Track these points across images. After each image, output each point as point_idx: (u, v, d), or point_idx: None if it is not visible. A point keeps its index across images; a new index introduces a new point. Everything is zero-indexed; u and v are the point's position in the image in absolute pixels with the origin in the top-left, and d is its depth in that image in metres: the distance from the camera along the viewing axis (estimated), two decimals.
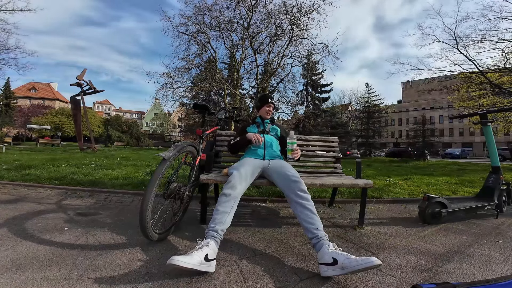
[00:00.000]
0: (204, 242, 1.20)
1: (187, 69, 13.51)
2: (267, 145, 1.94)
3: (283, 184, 1.56)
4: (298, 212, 1.39)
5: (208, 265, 1.12)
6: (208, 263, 1.12)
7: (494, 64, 9.74)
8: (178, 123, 50.73)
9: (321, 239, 1.25)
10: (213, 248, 1.19)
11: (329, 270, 1.13)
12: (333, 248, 1.20)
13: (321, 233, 1.27)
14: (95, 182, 3.21)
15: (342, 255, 1.14)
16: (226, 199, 1.38)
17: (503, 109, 7.72)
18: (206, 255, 1.12)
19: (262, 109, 2.10)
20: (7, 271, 1.09)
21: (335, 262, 1.13)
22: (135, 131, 35.02)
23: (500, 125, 13.83)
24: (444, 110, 43.82)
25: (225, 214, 1.33)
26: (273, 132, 2.09)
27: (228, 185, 1.46)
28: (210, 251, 1.16)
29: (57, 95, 50.23)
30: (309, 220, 1.33)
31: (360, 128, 25.31)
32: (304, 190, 1.46)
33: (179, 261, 1.04)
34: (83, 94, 11.38)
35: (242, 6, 12.72)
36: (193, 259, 1.08)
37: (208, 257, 1.12)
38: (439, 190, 3.54)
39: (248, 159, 1.80)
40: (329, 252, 1.17)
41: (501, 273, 1.25)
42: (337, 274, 1.12)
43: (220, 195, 1.42)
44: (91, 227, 1.70)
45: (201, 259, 1.10)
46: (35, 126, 24.61)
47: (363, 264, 1.08)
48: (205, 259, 1.11)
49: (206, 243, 1.19)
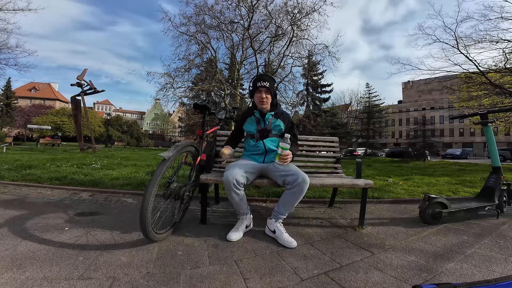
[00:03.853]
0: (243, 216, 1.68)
1: (188, 69, 13.54)
2: (267, 151, 1.77)
3: (288, 178, 1.61)
4: (282, 196, 1.64)
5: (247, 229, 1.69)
6: (247, 229, 1.69)
7: (495, 64, 9.72)
8: (178, 123, 50.77)
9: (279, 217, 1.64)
10: (250, 218, 1.72)
11: (269, 233, 1.64)
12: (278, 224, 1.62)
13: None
14: (95, 182, 3.22)
15: (279, 230, 1.57)
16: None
17: (504, 109, 7.70)
18: (246, 225, 1.68)
19: (255, 97, 1.77)
20: (7, 271, 1.09)
21: (274, 232, 1.60)
22: (136, 131, 35.09)
23: (501, 125, 13.81)
24: (444, 110, 43.77)
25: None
26: (276, 130, 1.79)
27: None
28: (248, 221, 1.71)
29: (57, 95, 50.34)
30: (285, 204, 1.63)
31: (360, 128, 25.31)
32: (301, 184, 1.59)
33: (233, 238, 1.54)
34: (83, 94, 11.38)
35: (242, 7, 12.74)
36: (240, 233, 1.60)
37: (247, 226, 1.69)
38: (440, 191, 3.53)
39: (247, 161, 1.77)
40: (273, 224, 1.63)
41: (501, 273, 1.25)
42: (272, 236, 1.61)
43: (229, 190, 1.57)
44: (91, 227, 1.70)
45: (244, 229, 1.65)
46: (36, 126, 24.65)
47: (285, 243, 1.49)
48: (246, 227, 1.67)
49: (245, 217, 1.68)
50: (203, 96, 20.79)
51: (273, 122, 1.78)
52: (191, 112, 21.73)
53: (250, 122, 1.82)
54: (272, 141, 1.79)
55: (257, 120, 1.79)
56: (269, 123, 1.78)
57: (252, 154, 1.82)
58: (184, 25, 13.17)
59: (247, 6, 12.63)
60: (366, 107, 25.40)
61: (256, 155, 1.80)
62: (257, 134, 1.80)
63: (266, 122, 1.79)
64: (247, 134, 1.87)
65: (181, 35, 13.34)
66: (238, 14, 13.21)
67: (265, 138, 1.78)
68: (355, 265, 1.28)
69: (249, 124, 1.83)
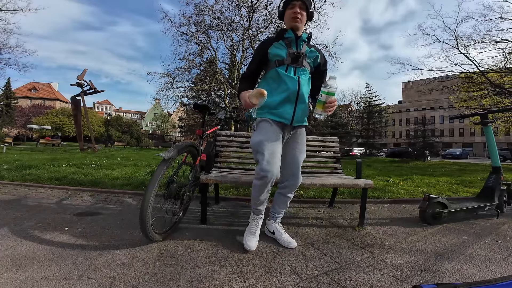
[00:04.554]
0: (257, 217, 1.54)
1: (188, 69, 13.56)
2: (300, 97, 1.34)
3: (285, 172, 1.46)
4: (276, 196, 1.60)
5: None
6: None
7: (495, 64, 9.73)
8: (178, 123, 50.83)
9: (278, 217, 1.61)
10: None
11: (268, 234, 1.61)
12: (276, 225, 1.59)
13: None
14: (95, 182, 3.22)
15: (278, 231, 1.54)
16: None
17: (504, 109, 7.70)
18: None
19: (285, 14, 1.39)
20: (7, 271, 1.09)
21: (274, 233, 1.57)
22: (136, 131, 35.06)
23: (501, 125, 13.81)
24: (444, 110, 43.79)
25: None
26: (311, 59, 1.42)
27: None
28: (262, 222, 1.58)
29: (57, 95, 50.33)
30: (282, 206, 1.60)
31: (360, 128, 25.31)
32: (297, 187, 1.55)
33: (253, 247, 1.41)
34: (83, 94, 11.38)
35: (242, 7, 12.74)
36: (257, 238, 1.48)
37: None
38: (440, 191, 3.53)
39: (273, 132, 1.35)
40: (272, 225, 1.60)
41: (501, 273, 1.25)
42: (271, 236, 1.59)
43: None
44: (91, 227, 1.70)
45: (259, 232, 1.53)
46: (36, 126, 24.63)
47: (284, 243, 1.47)
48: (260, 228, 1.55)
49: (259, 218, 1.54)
50: (203, 96, 20.81)
51: (308, 50, 1.41)
52: (191, 112, 21.77)
53: (278, 46, 1.40)
54: (306, 79, 1.39)
55: (288, 44, 1.38)
56: (303, 48, 1.39)
57: (278, 96, 1.34)
58: (184, 25, 13.20)
59: (247, 6, 12.63)
60: (366, 107, 25.39)
61: (285, 103, 1.34)
62: (288, 59, 1.36)
63: (299, 45, 1.39)
64: (271, 65, 1.39)
65: (181, 35, 13.37)
66: (238, 14, 13.23)
67: (298, 66, 1.36)
68: (355, 265, 1.28)
69: (277, 48, 1.39)
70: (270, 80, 1.41)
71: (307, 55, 1.41)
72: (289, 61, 1.35)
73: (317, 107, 1.28)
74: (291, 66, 1.36)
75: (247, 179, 1.77)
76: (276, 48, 1.39)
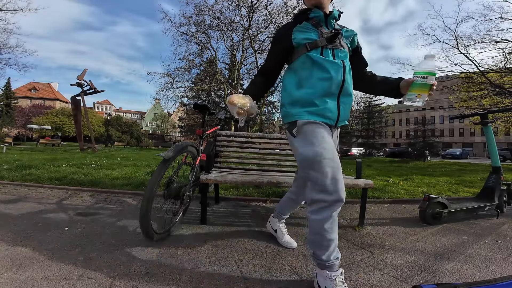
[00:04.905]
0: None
1: (188, 69, 13.57)
2: (345, 88, 1.03)
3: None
4: (286, 200, 1.56)
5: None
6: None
7: (495, 64, 9.74)
8: (178, 123, 50.83)
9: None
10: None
11: (270, 230, 1.64)
12: (280, 224, 1.60)
13: None
14: (95, 182, 3.21)
15: (281, 231, 1.56)
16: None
17: (504, 109, 7.70)
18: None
19: None
20: (7, 271, 1.09)
21: (276, 231, 1.59)
22: (136, 131, 35.06)
23: (501, 125, 13.82)
24: (444, 110, 43.78)
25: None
26: (348, 39, 1.12)
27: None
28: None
29: (57, 95, 50.34)
30: None
31: (360, 128, 25.31)
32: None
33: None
34: (83, 94, 11.39)
35: (242, 7, 12.75)
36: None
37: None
38: (440, 191, 3.53)
39: (322, 131, 1.01)
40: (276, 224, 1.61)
41: (501, 273, 1.25)
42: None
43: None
44: (91, 227, 1.70)
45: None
46: (36, 126, 24.64)
47: (285, 244, 1.50)
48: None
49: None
50: (203, 96, 20.80)
51: (342, 29, 1.10)
52: (191, 112, 21.75)
53: (302, 29, 1.06)
54: (349, 63, 1.08)
55: (315, 24, 1.05)
56: (335, 26, 1.09)
57: (316, 100, 1.01)
58: (184, 25, 13.23)
59: (247, 6, 12.65)
60: (366, 107, 25.41)
61: (324, 97, 1.01)
62: (323, 40, 1.03)
63: (330, 24, 1.07)
64: (298, 51, 1.05)
65: (181, 35, 13.40)
66: (238, 14, 13.26)
67: (336, 47, 1.04)
68: (355, 265, 1.28)
69: (302, 31, 1.05)
70: (298, 68, 1.07)
71: (344, 35, 1.10)
72: (323, 42, 1.02)
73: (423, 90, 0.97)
74: (327, 49, 1.03)
75: (247, 179, 1.77)
76: (301, 32, 1.05)
